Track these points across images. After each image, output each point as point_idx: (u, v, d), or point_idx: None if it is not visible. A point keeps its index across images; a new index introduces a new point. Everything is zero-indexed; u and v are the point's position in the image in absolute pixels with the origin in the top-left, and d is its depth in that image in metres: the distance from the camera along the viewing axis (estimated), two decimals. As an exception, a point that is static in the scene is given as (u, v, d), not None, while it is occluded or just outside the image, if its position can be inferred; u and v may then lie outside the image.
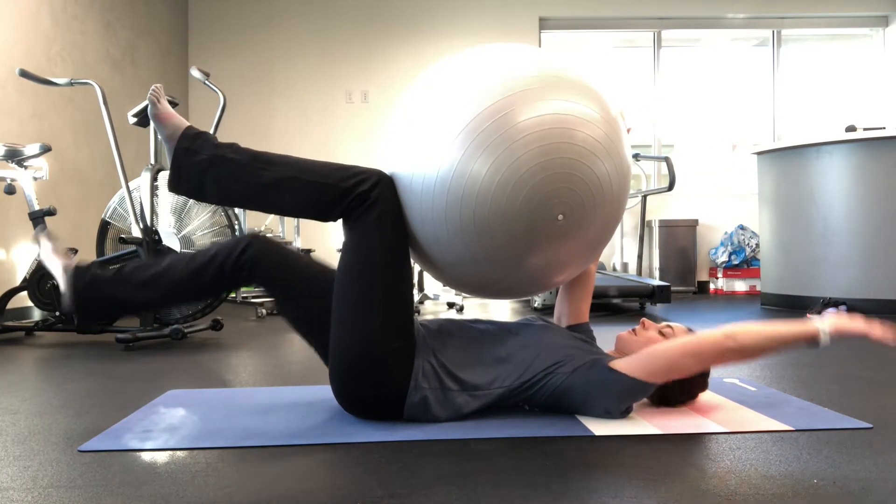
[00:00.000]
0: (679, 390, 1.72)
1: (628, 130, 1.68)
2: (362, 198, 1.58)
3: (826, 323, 1.53)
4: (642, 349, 1.66)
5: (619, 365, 1.59)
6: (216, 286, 1.68)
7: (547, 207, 1.50)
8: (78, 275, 1.69)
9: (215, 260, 1.65)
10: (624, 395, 1.60)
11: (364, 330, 1.57)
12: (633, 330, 1.75)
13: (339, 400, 1.67)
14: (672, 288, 5.83)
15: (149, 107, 1.71)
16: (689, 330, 1.75)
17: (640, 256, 5.36)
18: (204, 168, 1.64)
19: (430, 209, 1.54)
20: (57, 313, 3.28)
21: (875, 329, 1.51)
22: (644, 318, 1.77)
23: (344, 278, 1.60)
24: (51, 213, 3.29)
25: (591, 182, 1.52)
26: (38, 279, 3.24)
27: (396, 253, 1.61)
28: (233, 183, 1.64)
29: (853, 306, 4.17)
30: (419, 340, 1.65)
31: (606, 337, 3.11)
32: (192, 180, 1.66)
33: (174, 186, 1.68)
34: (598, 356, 1.64)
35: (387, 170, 1.65)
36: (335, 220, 1.64)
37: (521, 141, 1.47)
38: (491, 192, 1.49)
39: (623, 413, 1.63)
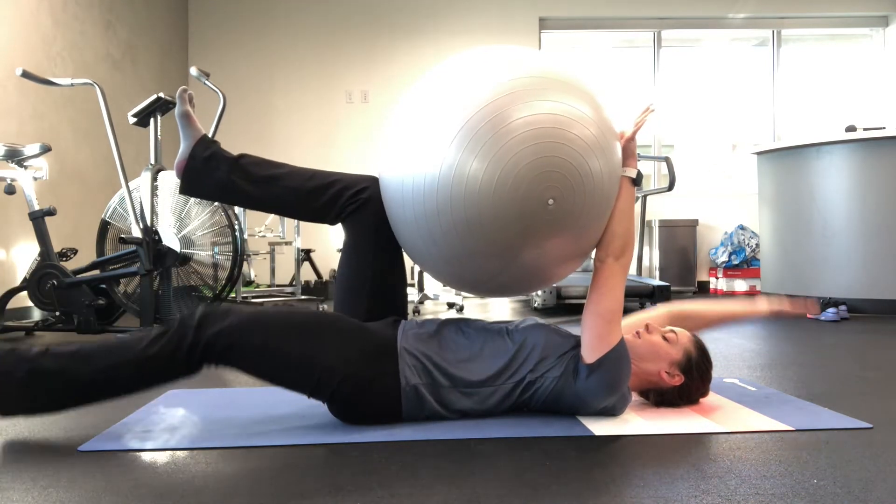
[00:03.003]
0: (680, 396, 1.73)
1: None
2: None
3: (629, 167, 1.65)
4: (647, 355, 1.68)
5: (586, 356, 1.59)
6: (323, 213, 1.72)
7: (536, 192, 1.50)
8: (200, 145, 1.77)
9: (332, 188, 1.70)
10: (612, 380, 1.59)
11: (334, 348, 1.57)
12: (637, 332, 1.74)
13: (336, 415, 1.64)
14: (672, 288, 5.83)
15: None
16: (693, 335, 1.75)
17: (640, 256, 5.36)
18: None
19: (423, 206, 1.55)
20: (57, 313, 3.28)
21: (637, 124, 1.69)
22: (648, 322, 1.76)
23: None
24: (51, 213, 3.29)
25: (580, 167, 1.52)
26: (38, 279, 3.24)
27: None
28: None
29: (853, 306, 4.17)
30: (401, 338, 1.63)
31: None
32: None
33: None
34: (577, 354, 1.64)
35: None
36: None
37: (510, 126, 1.49)
38: (480, 177, 1.49)
39: (620, 402, 1.63)
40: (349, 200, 1.70)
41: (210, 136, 3.35)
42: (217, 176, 1.73)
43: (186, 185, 1.77)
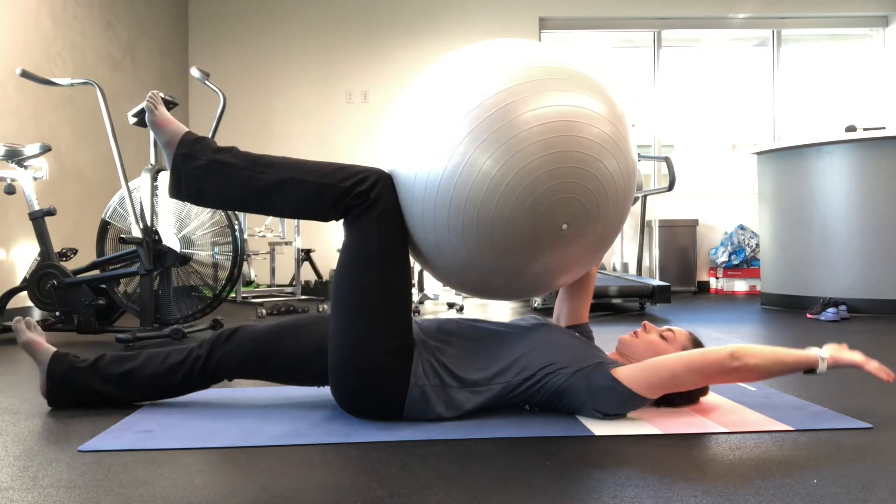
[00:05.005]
0: (679, 394, 1.72)
1: (633, 126, 1.68)
2: (362, 197, 1.58)
3: (825, 352, 1.59)
4: (645, 355, 1.67)
5: (622, 374, 1.58)
6: (186, 387, 1.77)
7: (551, 218, 1.49)
8: (54, 364, 1.78)
9: (186, 362, 1.73)
10: (622, 404, 1.60)
11: (362, 331, 1.57)
12: (635, 332, 1.74)
13: (338, 400, 1.67)
14: (672, 288, 5.83)
15: (146, 113, 1.72)
16: (691, 334, 1.75)
17: (640, 256, 5.36)
18: (203, 173, 1.65)
19: (433, 212, 1.53)
20: (57, 313, 3.28)
21: (871, 364, 1.58)
22: (646, 322, 1.76)
23: (343, 278, 1.61)
24: (51, 213, 3.29)
25: (596, 188, 1.51)
26: (38, 279, 3.23)
27: (395, 252, 1.61)
28: (232, 187, 1.65)
29: (853, 306, 4.17)
30: (418, 340, 1.65)
31: (606, 337, 3.11)
32: (191, 186, 1.67)
33: (174, 192, 1.70)
34: (601, 360, 1.64)
35: (388, 171, 1.65)
36: (335, 219, 1.65)
37: (527, 150, 1.46)
38: (495, 199, 1.47)
39: (617, 415, 1.63)
40: (201, 370, 1.73)
41: (210, 136, 3.34)
42: (77, 386, 1.77)
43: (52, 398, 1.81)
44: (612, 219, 1.58)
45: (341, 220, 1.65)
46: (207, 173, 1.65)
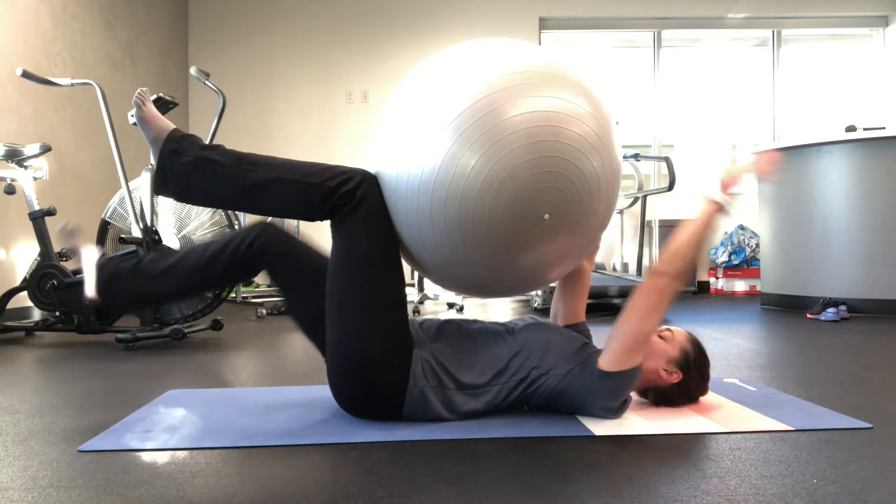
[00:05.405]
0: (679, 394, 1.73)
1: (616, 123, 1.67)
2: (347, 197, 1.58)
3: (717, 193, 1.59)
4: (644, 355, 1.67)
5: (604, 363, 1.59)
6: (229, 275, 1.70)
7: (532, 208, 1.49)
8: (102, 269, 1.74)
9: (227, 248, 1.67)
10: (618, 389, 1.60)
11: (358, 331, 1.57)
12: None
13: (338, 401, 1.67)
14: (672, 288, 5.82)
15: (134, 110, 1.72)
16: (689, 334, 1.75)
17: (640, 256, 5.36)
18: (189, 170, 1.65)
19: (416, 209, 1.53)
20: (57, 313, 3.28)
21: (757, 170, 1.61)
22: None
23: (335, 280, 1.61)
24: (51, 213, 3.29)
25: (577, 178, 1.51)
26: (38, 279, 3.23)
27: (384, 251, 1.61)
28: (218, 185, 1.65)
29: (853, 306, 4.17)
30: (416, 339, 1.65)
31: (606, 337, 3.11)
32: (177, 182, 1.67)
33: (160, 189, 1.70)
34: (588, 355, 1.64)
35: (374, 170, 1.65)
36: (321, 219, 1.64)
37: (508, 139, 1.46)
38: (475, 191, 1.48)
39: (620, 407, 1.63)
40: (249, 255, 1.68)
41: (210, 137, 3.34)
42: (122, 290, 1.75)
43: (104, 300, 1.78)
44: (595, 212, 1.58)
45: (328, 221, 1.65)
46: (194, 170, 1.65)
